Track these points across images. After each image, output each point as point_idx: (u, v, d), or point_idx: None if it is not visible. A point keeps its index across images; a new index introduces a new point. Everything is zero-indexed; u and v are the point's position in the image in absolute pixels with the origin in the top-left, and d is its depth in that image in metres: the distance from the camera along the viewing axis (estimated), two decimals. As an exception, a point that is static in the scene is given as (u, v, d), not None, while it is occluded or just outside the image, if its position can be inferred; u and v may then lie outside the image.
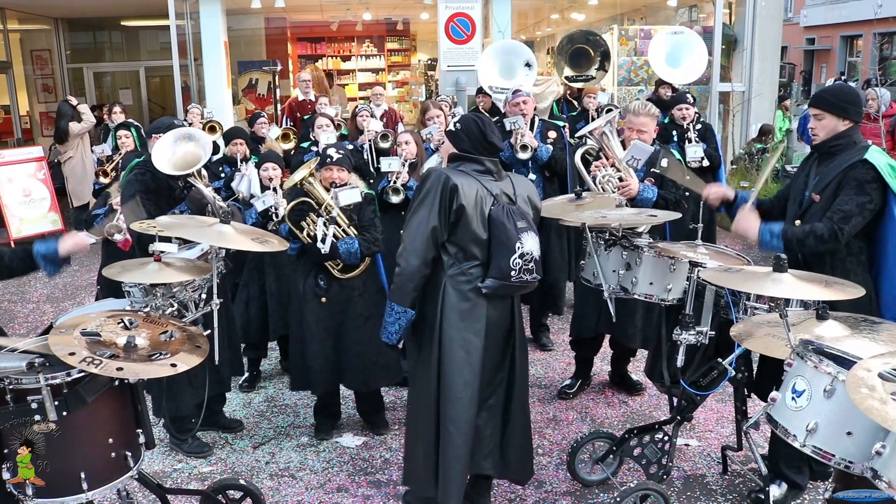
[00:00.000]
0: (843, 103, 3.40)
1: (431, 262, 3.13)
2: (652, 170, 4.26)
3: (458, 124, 3.22)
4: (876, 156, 3.30)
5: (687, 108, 6.35)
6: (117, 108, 8.86)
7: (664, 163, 4.27)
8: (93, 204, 8.02)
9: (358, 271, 4.08)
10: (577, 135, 5.01)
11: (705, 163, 6.24)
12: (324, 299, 4.07)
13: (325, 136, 6.34)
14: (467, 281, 3.14)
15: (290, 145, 6.96)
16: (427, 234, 3.08)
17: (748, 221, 3.42)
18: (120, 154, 6.94)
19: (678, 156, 4.81)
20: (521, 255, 3.06)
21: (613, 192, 4.07)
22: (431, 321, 3.18)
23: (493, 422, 3.26)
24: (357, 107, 7.27)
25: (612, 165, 4.21)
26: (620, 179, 4.15)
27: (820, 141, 3.45)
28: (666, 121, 6.73)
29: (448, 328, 3.15)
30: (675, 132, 6.37)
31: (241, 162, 5.64)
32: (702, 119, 6.52)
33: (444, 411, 3.18)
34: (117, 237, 4.78)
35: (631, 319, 4.37)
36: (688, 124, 6.30)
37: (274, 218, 4.56)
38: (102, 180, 6.87)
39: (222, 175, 5.63)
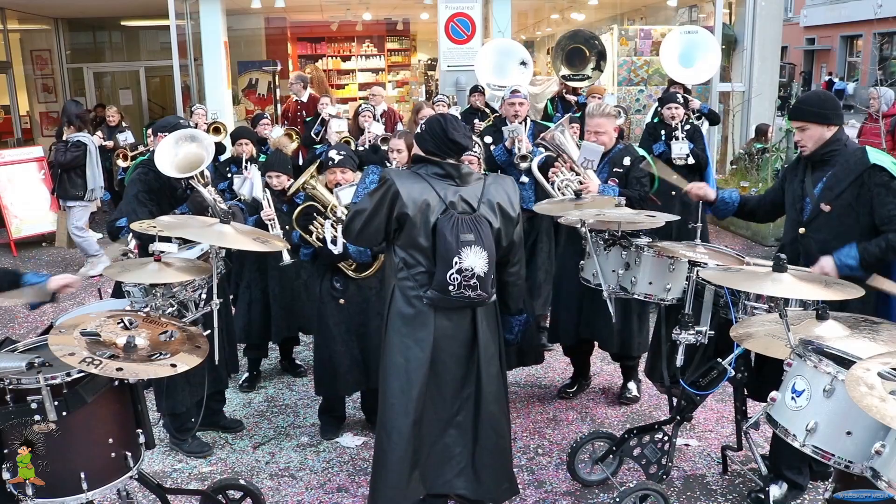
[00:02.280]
0: (822, 110, 3.40)
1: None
2: (615, 169, 4.28)
3: (423, 125, 3.15)
4: (879, 157, 3.32)
5: (676, 108, 6.42)
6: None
7: (626, 160, 4.26)
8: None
9: (372, 270, 4.07)
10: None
11: (690, 160, 6.27)
12: (342, 301, 4.06)
13: (337, 123, 6.37)
14: (412, 287, 3.03)
15: (293, 145, 6.98)
16: (363, 223, 3.01)
17: (824, 262, 3.31)
18: (146, 146, 6.97)
19: (648, 157, 4.75)
20: (459, 271, 2.90)
21: (575, 195, 4.02)
22: (384, 323, 3.14)
23: (462, 439, 3.12)
24: (360, 106, 7.29)
25: (571, 169, 4.23)
26: (581, 182, 4.18)
27: (810, 152, 3.45)
28: (655, 120, 6.77)
29: (391, 332, 3.08)
30: (663, 131, 6.41)
31: (247, 162, 5.66)
32: (691, 120, 6.56)
33: (381, 416, 3.13)
34: (130, 256, 4.79)
35: (606, 323, 4.35)
36: (676, 123, 6.35)
37: (269, 224, 4.55)
38: (121, 164, 6.91)
39: (229, 174, 5.66)
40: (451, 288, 2.92)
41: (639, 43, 10.35)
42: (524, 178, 5.18)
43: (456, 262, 2.90)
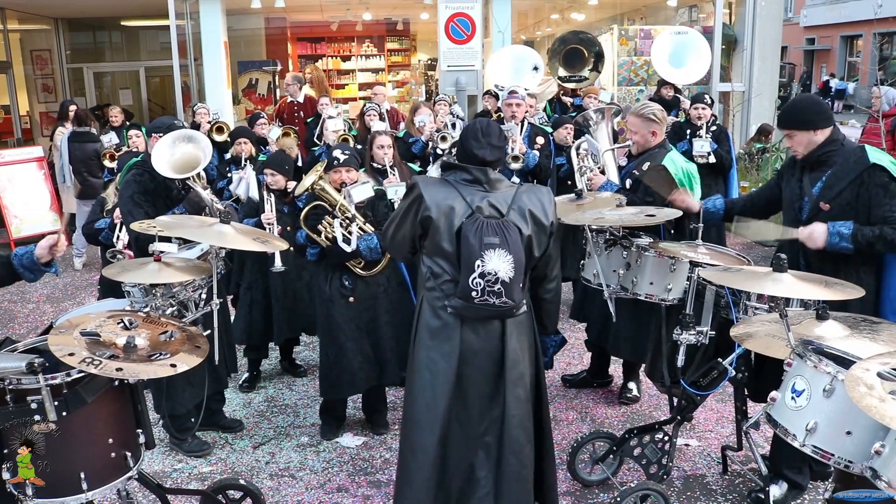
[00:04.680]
0: (806, 117, 3.41)
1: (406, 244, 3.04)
2: (633, 171, 4.20)
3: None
4: (879, 156, 3.32)
5: (703, 108, 6.44)
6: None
7: (644, 166, 4.14)
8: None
9: (380, 267, 4.08)
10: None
11: (712, 159, 6.28)
12: (352, 298, 4.07)
13: (333, 123, 6.37)
14: (438, 298, 2.93)
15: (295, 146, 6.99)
16: (394, 228, 3.02)
17: (814, 226, 3.32)
18: (128, 147, 6.99)
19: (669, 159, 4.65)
20: (482, 275, 2.78)
21: (576, 195, 4.02)
22: (412, 337, 3.06)
23: (489, 462, 2.97)
24: (365, 105, 7.30)
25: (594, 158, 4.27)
26: (602, 171, 4.19)
27: (803, 156, 3.46)
28: (682, 120, 6.79)
29: (418, 346, 3.00)
30: (689, 130, 6.43)
31: (245, 161, 5.66)
32: (718, 121, 6.59)
33: (406, 433, 3.03)
34: (119, 258, 4.79)
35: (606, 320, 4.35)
36: (702, 123, 6.36)
37: (268, 227, 4.55)
38: (108, 164, 6.94)
39: (229, 174, 5.66)
40: (474, 294, 2.80)
41: (639, 43, 10.36)
42: (515, 180, 5.18)
43: (478, 266, 2.78)
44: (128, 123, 8.80)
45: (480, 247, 2.79)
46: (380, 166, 4.81)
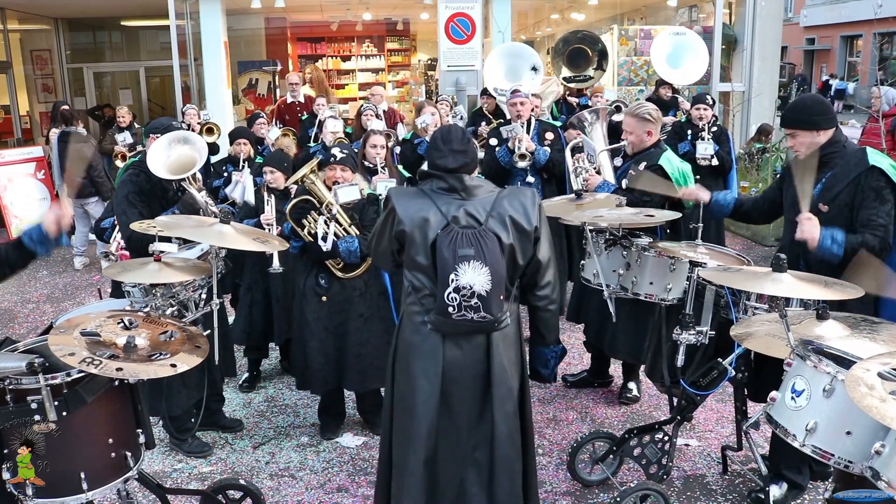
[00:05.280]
0: (809, 117, 3.40)
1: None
2: (630, 171, 4.22)
3: None
4: (879, 159, 3.31)
5: (705, 109, 6.42)
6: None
7: (640, 166, 4.12)
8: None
9: (359, 271, 4.07)
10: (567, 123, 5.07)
11: (714, 162, 6.28)
12: (324, 298, 4.06)
13: (333, 123, 6.39)
14: (418, 312, 2.82)
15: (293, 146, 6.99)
16: (375, 242, 2.96)
17: (811, 226, 3.26)
18: (144, 147, 7.04)
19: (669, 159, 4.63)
20: (457, 289, 2.66)
21: (576, 195, 4.00)
22: (391, 351, 2.98)
23: (479, 479, 2.87)
24: (362, 106, 7.30)
25: (589, 159, 4.28)
26: (598, 171, 4.20)
27: (804, 156, 3.45)
28: (683, 119, 6.79)
29: (399, 362, 2.89)
30: (689, 131, 6.43)
31: (243, 163, 5.65)
32: (718, 122, 6.59)
33: (394, 452, 2.94)
34: (111, 258, 4.80)
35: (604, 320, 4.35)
36: (704, 124, 6.35)
37: (268, 228, 4.56)
38: (119, 164, 7.03)
39: (225, 174, 5.66)
40: (451, 309, 2.69)
41: (639, 43, 10.37)
42: (530, 178, 5.19)
43: (452, 280, 2.66)
44: (136, 126, 8.84)
45: (454, 260, 2.67)
46: (370, 165, 4.85)
